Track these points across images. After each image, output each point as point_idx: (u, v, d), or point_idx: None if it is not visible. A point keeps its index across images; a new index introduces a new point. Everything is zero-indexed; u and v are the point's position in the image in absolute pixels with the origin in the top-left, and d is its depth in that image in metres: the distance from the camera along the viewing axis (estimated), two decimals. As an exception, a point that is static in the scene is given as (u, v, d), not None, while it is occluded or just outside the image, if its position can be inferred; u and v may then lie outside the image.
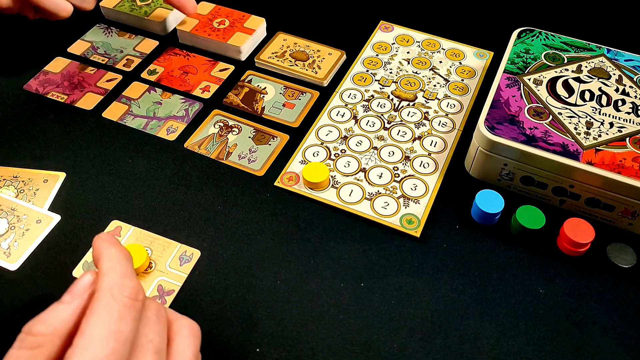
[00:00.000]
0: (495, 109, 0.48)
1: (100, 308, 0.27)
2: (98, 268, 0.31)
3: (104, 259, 0.31)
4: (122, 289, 0.28)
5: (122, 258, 0.31)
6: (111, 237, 0.33)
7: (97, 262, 0.31)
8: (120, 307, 0.28)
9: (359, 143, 0.53)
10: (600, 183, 0.44)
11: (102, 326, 0.27)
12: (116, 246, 0.32)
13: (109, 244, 0.32)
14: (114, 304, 0.28)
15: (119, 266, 0.30)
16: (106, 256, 0.31)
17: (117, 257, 0.31)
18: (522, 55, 0.54)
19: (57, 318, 0.28)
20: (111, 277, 0.29)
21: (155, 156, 0.52)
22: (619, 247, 0.45)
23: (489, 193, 0.47)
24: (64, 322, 0.28)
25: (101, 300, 0.28)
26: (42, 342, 0.27)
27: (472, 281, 0.43)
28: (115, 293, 0.28)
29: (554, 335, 0.40)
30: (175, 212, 0.48)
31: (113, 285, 0.28)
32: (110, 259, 0.30)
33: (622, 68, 0.53)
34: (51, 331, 0.28)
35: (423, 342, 0.40)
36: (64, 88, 0.58)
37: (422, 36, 0.65)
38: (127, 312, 0.28)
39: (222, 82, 0.59)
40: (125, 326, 0.27)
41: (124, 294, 0.28)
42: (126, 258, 0.31)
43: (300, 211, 0.48)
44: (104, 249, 0.31)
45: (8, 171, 0.50)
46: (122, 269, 0.30)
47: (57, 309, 0.29)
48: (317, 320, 0.41)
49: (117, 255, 0.31)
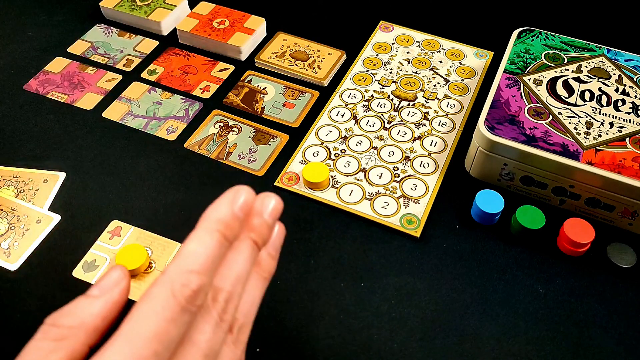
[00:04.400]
0: (495, 109, 0.48)
1: (156, 301, 0.24)
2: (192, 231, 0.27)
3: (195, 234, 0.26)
4: (184, 287, 0.25)
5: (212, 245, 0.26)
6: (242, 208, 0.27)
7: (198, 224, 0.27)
8: (175, 308, 0.25)
9: (359, 143, 0.53)
10: (600, 183, 0.44)
11: (152, 323, 0.24)
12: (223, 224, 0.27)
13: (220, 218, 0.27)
14: (171, 301, 0.25)
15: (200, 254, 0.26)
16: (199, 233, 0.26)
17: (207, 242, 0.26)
18: (522, 55, 0.54)
19: (84, 311, 0.26)
20: (180, 267, 0.25)
21: (155, 156, 0.52)
22: (619, 247, 0.45)
23: (489, 193, 0.47)
24: (92, 317, 0.26)
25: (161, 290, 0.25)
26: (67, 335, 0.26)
27: (472, 281, 0.43)
28: (176, 289, 0.25)
29: (554, 335, 0.41)
30: (175, 212, 0.48)
31: (177, 278, 0.25)
32: (200, 239, 0.26)
33: (622, 68, 0.53)
34: (77, 324, 0.26)
35: (423, 342, 0.40)
36: (64, 88, 0.58)
37: (422, 36, 0.65)
38: (181, 315, 0.25)
39: (222, 82, 0.59)
40: (174, 330, 0.25)
41: (184, 293, 0.25)
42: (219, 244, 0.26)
43: (300, 211, 0.48)
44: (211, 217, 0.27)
45: (8, 171, 0.50)
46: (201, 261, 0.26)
47: (85, 302, 0.27)
48: (317, 320, 0.41)
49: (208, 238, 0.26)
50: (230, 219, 0.27)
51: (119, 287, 0.28)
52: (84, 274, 0.43)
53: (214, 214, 0.27)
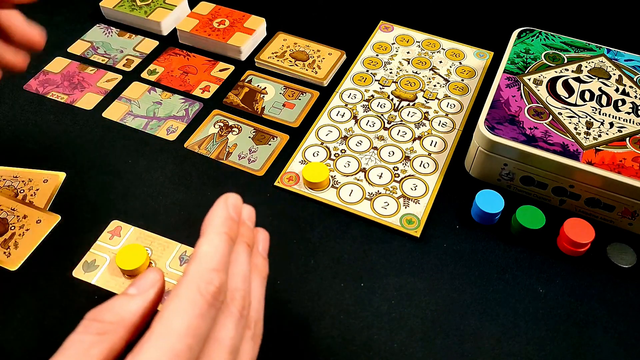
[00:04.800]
0: (495, 109, 0.48)
1: (184, 299, 0.27)
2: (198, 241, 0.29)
3: (206, 237, 0.29)
4: (209, 284, 0.27)
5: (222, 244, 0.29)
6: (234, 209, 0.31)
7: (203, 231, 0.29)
8: (203, 304, 0.27)
9: (359, 143, 0.53)
10: (600, 183, 0.44)
11: (183, 319, 0.26)
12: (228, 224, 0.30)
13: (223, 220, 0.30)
14: (198, 298, 0.27)
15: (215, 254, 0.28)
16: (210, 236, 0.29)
17: (218, 243, 0.29)
18: (522, 55, 0.54)
19: (124, 308, 0.28)
20: (202, 267, 0.28)
21: (155, 156, 0.52)
22: (619, 247, 0.45)
23: (489, 193, 0.47)
24: (131, 314, 0.28)
25: (187, 290, 0.27)
26: (108, 330, 0.27)
27: (472, 281, 0.43)
28: (201, 287, 0.27)
29: (554, 335, 0.41)
30: (175, 212, 0.48)
31: (200, 277, 0.27)
32: (212, 241, 0.29)
33: (622, 68, 0.53)
34: (118, 320, 0.27)
35: (423, 342, 0.40)
36: (64, 88, 0.58)
37: (422, 36, 0.65)
38: (208, 310, 0.27)
39: (222, 82, 0.59)
40: (204, 324, 0.27)
41: (209, 290, 0.27)
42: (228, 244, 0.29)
43: (300, 211, 0.48)
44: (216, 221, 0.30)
45: (8, 171, 0.50)
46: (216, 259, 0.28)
47: (124, 300, 0.28)
48: (317, 320, 0.41)
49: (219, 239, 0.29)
50: (229, 220, 0.30)
51: (155, 288, 0.29)
52: (84, 274, 0.43)
53: (215, 219, 0.30)
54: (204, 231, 0.29)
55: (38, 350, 0.39)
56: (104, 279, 0.43)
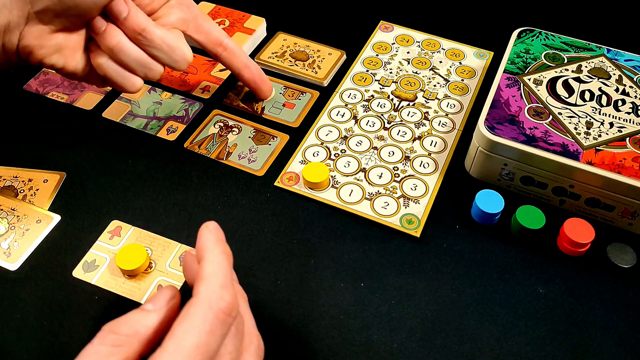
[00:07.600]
0: (495, 109, 0.48)
1: (196, 317, 0.28)
2: (200, 265, 0.30)
3: (208, 259, 0.30)
4: (220, 301, 0.28)
5: (224, 263, 0.30)
6: (218, 232, 0.32)
7: (200, 256, 0.31)
8: (214, 321, 0.28)
9: (359, 143, 0.53)
10: (600, 183, 0.44)
11: (194, 336, 0.27)
12: (221, 244, 0.31)
13: (216, 241, 0.31)
14: (209, 315, 0.28)
15: (221, 272, 0.30)
16: (211, 257, 0.30)
17: (220, 261, 0.30)
18: (522, 55, 0.54)
19: (140, 322, 0.29)
20: (212, 286, 0.29)
21: (155, 156, 0.52)
22: (619, 247, 0.45)
23: (489, 193, 0.47)
24: (147, 328, 0.29)
25: (198, 308, 0.28)
26: (124, 342, 0.28)
27: (472, 281, 0.43)
28: (213, 305, 0.28)
29: (554, 335, 0.41)
30: (175, 212, 0.48)
31: (212, 295, 0.28)
32: (214, 261, 0.30)
33: (622, 68, 0.53)
34: (133, 333, 0.28)
35: (423, 342, 0.40)
36: (64, 88, 0.58)
37: (422, 36, 0.65)
38: (219, 327, 0.28)
39: (222, 82, 0.59)
40: (214, 341, 0.27)
41: (220, 306, 0.28)
42: (228, 262, 0.31)
43: (300, 211, 0.48)
44: (211, 245, 0.31)
45: (8, 171, 0.50)
46: (223, 277, 0.30)
47: (140, 315, 0.29)
48: (317, 320, 0.41)
49: (220, 258, 0.30)
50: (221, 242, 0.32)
51: (170, 304, 0.30)
52: (84, 274, 0.43)
53: (208, 243, 0.31)
54: (202, 256, 0.31)
55: (38, 350, 0.39)
56: (104, 279, 0.43)
